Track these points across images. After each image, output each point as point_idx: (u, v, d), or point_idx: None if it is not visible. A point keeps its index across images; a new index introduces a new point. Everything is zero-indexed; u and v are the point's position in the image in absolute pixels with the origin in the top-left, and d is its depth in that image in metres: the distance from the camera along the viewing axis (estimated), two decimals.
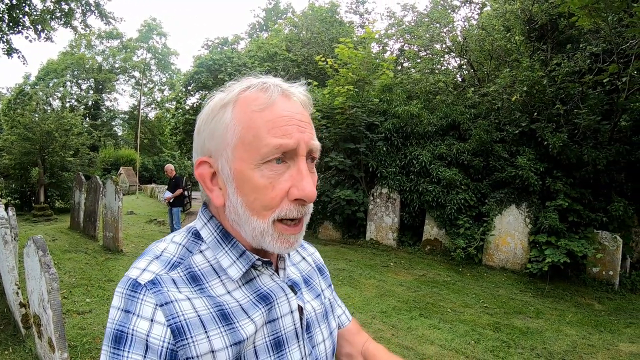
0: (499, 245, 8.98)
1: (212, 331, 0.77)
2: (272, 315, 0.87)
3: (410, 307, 6.58)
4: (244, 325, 0.81)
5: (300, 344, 0.91)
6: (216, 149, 0.82)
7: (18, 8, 9.53)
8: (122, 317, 0.75)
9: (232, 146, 0.80)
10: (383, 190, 10.81)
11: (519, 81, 8.91)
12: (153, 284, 0.76)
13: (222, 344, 0.77)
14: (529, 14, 9.40)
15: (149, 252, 0.84)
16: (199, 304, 0.78)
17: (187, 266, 0.82)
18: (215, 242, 0.86)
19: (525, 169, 8.67)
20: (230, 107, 0.81)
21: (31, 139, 14.57)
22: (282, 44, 16.39)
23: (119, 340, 0.73)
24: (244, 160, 0.78)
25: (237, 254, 0.85)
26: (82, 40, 39.94)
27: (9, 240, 5.35)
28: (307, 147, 0.80)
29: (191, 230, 0.89)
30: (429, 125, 10.65)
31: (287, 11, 28.82)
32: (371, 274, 8.30)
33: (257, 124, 0.78)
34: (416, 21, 13.46)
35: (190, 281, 0.80)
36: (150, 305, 0.74)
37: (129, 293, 0.76)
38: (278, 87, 0.82)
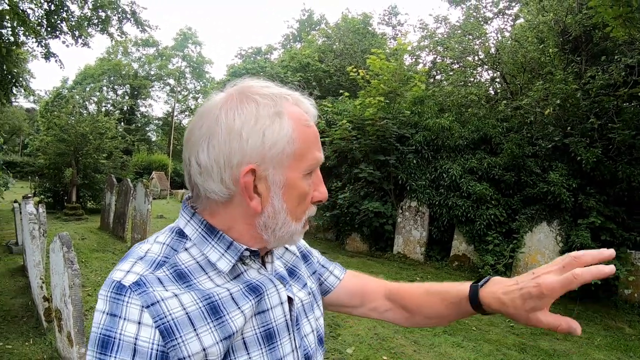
0: (528, 263, 8.72)
1: (200, 328, 0.77)
2: (262, 306, 0.87)
3: None
4: (233, 318, 0.81)
5: (290, 336, 0.92)
6: (271, 158, 0.82)
7: (56, 14, 9.94)
8: (107, 321, 0.73)
9: (290, 157, 0.83)
10: (412, 203, 10.68)
11: (552, 94, 8.68)
12: (137, 285, 0.75)
13: (212, 340, 0.77)
14: (563, 25, 9.17)
15: (132, 253, 0.83)
16: (187, 299, 0.78)
17: (172, 264, 0.82)
18: (200, 238, 0.86)
19: (558, 185, 8.41)
20: (286, 118, 0.83)
21: (66, 140, 15.04)
22: (314, 54, 16.49)
23: (105, 345, 0.72)
24: (296, 170, 0.84)
25: (224, 246, 0.85)
26: (119, 47, 40.93)
27: (37, 236, 5.57)
28: None
29: (174, 230, 0.89)
30: (460, 138, 10.47)
31: (321, 22, 29.11)
32: None
33: (309, 138, 0.86)
34: (449, 33, 13.33)
35: (177, 279, 0.80)
36: (137, 307, 0.73)
37: (114, 296, 0.75)
38: (309, 105, 0.91)
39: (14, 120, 36.68)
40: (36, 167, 16.28)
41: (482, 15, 13.96)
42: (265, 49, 24.87)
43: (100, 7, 10.51)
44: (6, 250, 8.79)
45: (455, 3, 15.16)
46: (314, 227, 13.40)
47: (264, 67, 16.19)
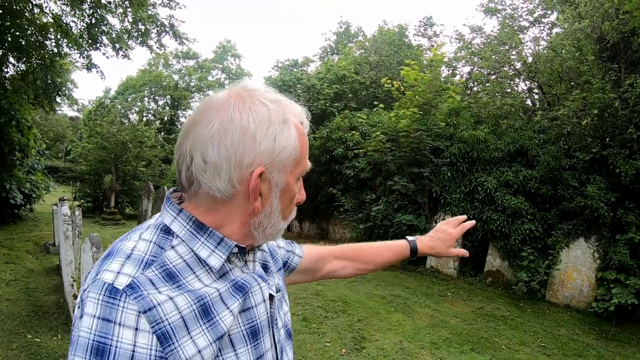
0: (564, 280, 8.34)
1: (194, 330, 0.76)
2: (247, 304, 0.89)
3: (462, 340, 6.28)
4: (223, 318, 0.82)
5: (270, 333, 0.95)
6: (279, 161, 0.86)
7: (97, 27, 10.39)
8: (101, 327, 0.70)
9: (293, 162, 0.88)
10: (446, 217, 10.45)
11: (589, 104, 8.32)
12: (132, 288, 0.73)
13: (206, 342, 0.77)
14: (599, 32, 8.78)
15: (118, 252, 0.81)
16: (181, 301, 0.77)
17: (161, 264, 0.80)
18: (189, 235, 0.85)
19: (595, 199, 8.02)
20: (292, 126, 0.88)
21: (107, 148, 15.68)
22: (350, 66, 16.50)
23: (100, 352, 0.68)
24: (292, 174, 0.90)
25: (215, 242, 0.85)
26: (160, 59, 42.36)
27: (70, 236, 5.85)
28: None
29: (159, 227, 0.87)
30: (496, 150, 10.18)
31: (358, 35, 29.08)
32: (426, 302, 8.03)
33: (305, 147, 0.92)
34: (484, 43, 13.04)
35: (166, 279, 0.78)
36: (133, 312, 0.71)
37: (107, 300, 0.71)
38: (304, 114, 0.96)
39: (57, 127, 38.41)
40: (77, 172, 17.05)
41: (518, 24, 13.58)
42: (302, 61, 25.12)
43: (139, 21, 10.93)
44: (44, 250, 9.23)
45: (491, 13, 14.84)
46: (347, 239, 13.35)
47: (300, 79, 16.34)
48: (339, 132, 13.41)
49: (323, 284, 8.81)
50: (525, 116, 10.72)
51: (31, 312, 5.77)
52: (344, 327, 6.29)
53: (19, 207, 12.02)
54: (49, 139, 31.28)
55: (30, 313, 5.72)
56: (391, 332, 6.28)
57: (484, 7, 14.99)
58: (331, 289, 8.39)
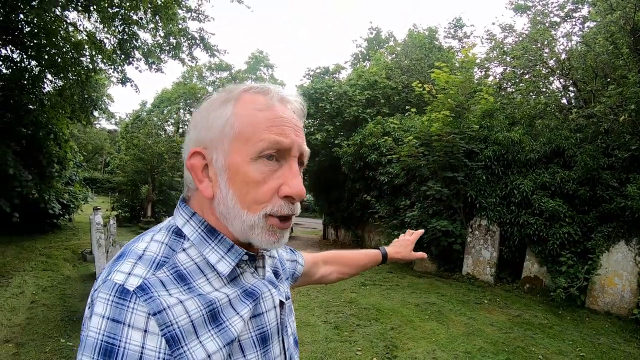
0: (604, 286, 7.95)
1: (203, 335, 0.76)
2: (258, 310, 0.88)
3: (497, 349, 6.09)
4: (233, 323, 0.81)
5: (279, 339, 0.93)
6: (211, 141, 0.85)
7: (129, 42, 10.76)
8: (110, 327, 0.69)
9: (230, 139, 0.83)
10: (482, 222, 10.22)
11: (626, 99, 7.94)
12: (142, 290, 0.73)
13: (215, 346, 0.77)
14: (632, 23, 8.37)
15: (130, 253, 0.81)
16: (191, 305, 0.76)
17: (172, 265, 0.80)
18: (200, 239, 0.85)
19: (636, 199, 7.61)
20: (232, 103, 0.85)
21: (143, 159, 16.12)
22: (382, 72, 16.37)
23: (108, 353, 0.68)
24: (240, 153, 0.82)
25: (225, 248, 0.85)
26: (194, 72, 43.34)
27: (102, 244, 6.10)
28: (299, 150, 0.86)
29: (171, 228, 0.88)
30: (532, 152, 9.84)
31: (389, 40, 28.90)
32: (462, 310, 7.84)
33: (258, 120, 0.83)
34: (516, 42, 12.67)
35: (178, 280, 0.78)
36: (142, 314, 0.70)
37: (117, 300, 0.71)
38: (278, 93, 0.88)
39: (96, 140, 39.68)
40: (115, 183, 17.63)
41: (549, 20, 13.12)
42: (333, 69, 25.10)
43: (170, 35, 11.25)
44: (81, 258, 9.56)
45: (521, 10, 14.41)
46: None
47: (332, 86, 16.33)
48: (372, 138, 13.31)
49: (356, 291, 8.76)
50: (561, 115, 10.33)
51: (65, 317, 5.98)
52: (376, 336, 6.22)
53: (58, 217, 12.52)
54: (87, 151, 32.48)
55: (65, 318, 5.94)
56: (424, 341, 6.17)
57: (514, 5, 14.61)
58: (364, 297, 8.33)
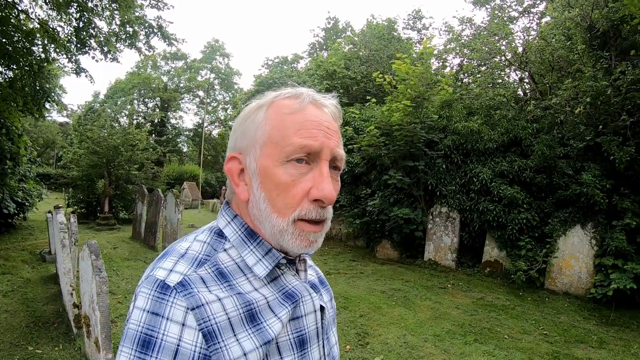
0: (562, 268, 8.43)
1: (240, 333, 0.77)
2: (297, 312, 0.88)
3: (465, 331, 6.32)
4: (271, 324, 0.81)
5: (319, 344, 0.92)
6: (246, 146, 0.87)
7: (84, 30, 10.27)
8: (149, 320, 0.72)
9: (261, 143, 0.84)
10: (442, 209, 10.53)
11: (582, 92, 8.38)
12: (182, 285, 0.75)
13: (252, 345, 0.77)
14: (589, 20, 8.83)
15: (173, 251, 0.83)
16: (229, 304, 0.77)
17: (214, 263, 0.82)
18: (240, 241, 0.87)
19: (591, 186, 8.10)
20: (264, 109, 0.87)
21: (98, 152, 15.58)
22: (340, 62, 16.46)
23: (146, 344, 0.71)
24: (270, 157, 0.83)
25: (262, 252, 0.86)
26: (148, 61, 42.15)
27: (67, 244, 5.78)
28: (331, 153, 0.84)
29: (213, 230, 0.90)
30: (490, 141, 10.23)
31: (346, 30, 29.01)
32: (427, 295, 8.07)
33: (287, 124, 0.83)
34: (474, 35, 13.07)
35: (219, 277, 0.80)
36: (181, 308, 0.73)
37: (158, 295, 0.74)
38: (310, 96, 0.87)
39: (47, 134, 38.24)
40: (69, 178, 16.89)
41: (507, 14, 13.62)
42: (292, 58, 25.05)
43: (127, 23, 10.81)
44: (40, 259, 9.13)
45: (480, 4, 14.88)
46: (344, 235, 13.36)
47: (291, 76, 16.30)
48: None
49: None
50: (517, 106, 10.77)
51: (31, 322, 5.68)
52: (346, 324, 6.30)
53: (13, 217, 11.88)
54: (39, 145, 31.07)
55: (30, 324, 5.63)
56: (394, 327, 6.30)
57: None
58: (331, 285, 8.40)
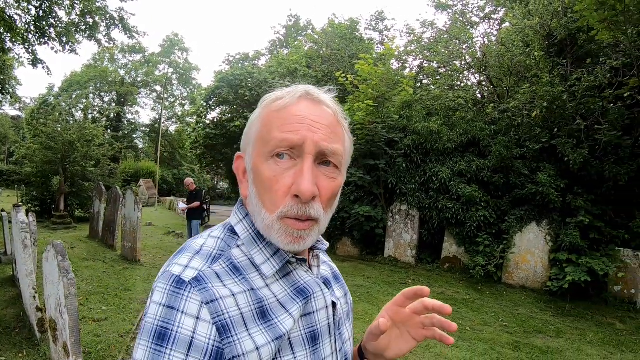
0: (519, 263, 8.83)
1: (253, 328, 0.78)
2: (308, 308, 0.89)
3: None
4: (282, 320, 0.82)
5: (331, 339, 0.93)
6: (245, 145, 0.89)
7: (44, 20, 9.83)
8: (165, 313, 0.74)
9: (253, 141, 0.86)
10: (402, 207, 10.76)
11: (539, 97, 8.82)
12: (197, 281, 0.76)
13: (264, 340, 0.78)
14: (548, 29, 9.32)
15: (188, 248, 0.85)
16: (242, 300, 0.79)
17: (227, 258, 0.83)
18: (250, 239, 0.87)
19: (546, 186, 8.54)
20: (260, 108, 0.88)
21: (53, 148, 14.89)
22: (302, 60, 16.49)
23: (162, 337, 0.72)
24: (259, 155, 0.83)
25: (271, 252, 0.86)
26: (106, 54, 40.83)
27: (29, 245, 5.47)
28: (317, 147, 0.81)
29: (227, 226, 0.91)
30: (449, 141, 10.57)
31: (307, 28, 29.11)
32: (389, 290, 8.23)
33: (272, 120, 0.83)
34: (435, 38, 13.45)
35: (233, 271, 0.81)
36: (196, 302, 0.74)
37: (173, 289, 0.75)
38: (302, 91, 0.86)
39: None
40: (23, 175, 16.04)
41: (469, 19, 14.11)
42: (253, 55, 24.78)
43: (88, 14, 10.42)
44: None
45: (442, 8, 15.34)
46: None
47: (252, 73, 16.10)
48: None
49: None
50: (476, 108, 11.18)
51: None
52: None
53: None
54: None
55: None
56: (359, 322, 6.36)
57: (435, 3, 15.51)
58: None
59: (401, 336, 0.95)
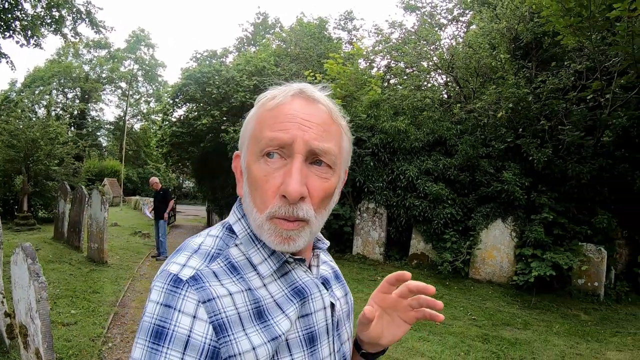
0: (485, 258, 9.08)
1: (249, 329, 0.77)
2: (306, 309, 0.88)
3: None
4: (278, 322, 0.81)
5: (329, 340, 0.92)
6: (241, 145, 0.89)
7: (9, 12, 9.43)
8: (162, 312, 0.74)
9: (247, 141, 0.85)
10: (370, 205, 10.86)
11: (504, 98, 9.10)
12: (195, 279, 0.76)
13: (260, 340, 0.77)
14: (515, 32, 9.65)
15: (186, 247, 0.84)
16: (239, 299, 0.78)
17: (225, 257, 0.83)
18: (248, 238, 0.86)
19: (511, 184, 8.82)
20: (255, 108, 0.87)
21: (15, 146, 14.31)
22: (270, 58, 16.42)
23: (159, 335, 0.72)
24: (251, 154, 0.82)
25: (268, 252, 0.85)
26: (70, 49, 39.44)
27: None
28: (307, 146, 0.79)
29: (225, 225, 0.90)
30: (416, 141, 10.74)
31: (276, 26, 29.10)
32: (359, 287, 8.30)
33: (264, 119, 0.82)
34: (403, 38, 13.67)
35: (231, 270, 0.81)
36: (193, 301, 0.74)
37: (170, 288, 0.75)
38: (292, 91, 0.84)
39: None
40: None
41: (437, 21, 14.41)
42: (221, 53, 24.47)
43: (54, 6, 10.03)
44: None
45: (411, 9, 15.59)
46: None
47: (220, 70, 15.91)
48: None
49: None
50: (443, 108, 11.42)
51: None
52: None
53: None
54: None
55: None
56: None
57: (404, 4, 15.75)
58: None
59: (392, 322, 0.95)
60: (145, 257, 10.41)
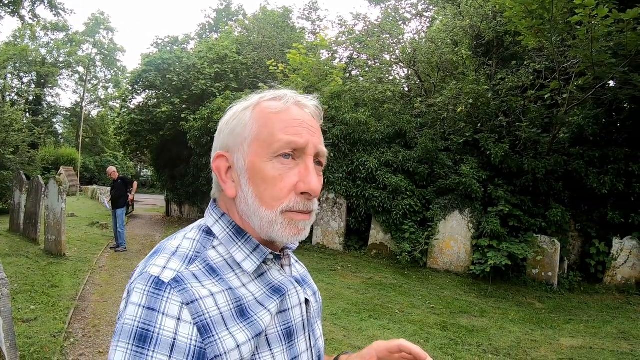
0: (443, 249, 9.32)
1: (233, 327, 0.78)
2: (284, 305, 0.90)
3: (359, 309, 6.67)
4: (261, 317, 0.83)
5: (306, 336, 0.95)
6: (234, 144, 0.89)
7: None
8: (145, 315, 0.73)
9: (249, 141, 0.87)
10: (330, 195, 10.91)
11: (464, 93, 9.33)
12: (177, 281, 0.76)
13: (245, 337, 0.79)
14: (477, 30, 9.89)
15: (164, 249, 0.84)
16: (221, 299, 0.79)
17: (203, 259, 0.83)
18: (228, 238, 0.88)
19: (469, 177, 9.07)
20: (250, 109, 0.89)
21: None
22: (232, 46, 16.13)
23: (143, 339, 0.72)
24: (258, 154, 0.85)
25: (250, 248, 0.88)
26: (27, 31, 37.57)
27: None
28: (315, 149, 0.87)
29: (202, 228, 0.91)
30: (376, 132, 10.86)
31: (239, 13, 28.63)
32: (319, 277, 8.34)
33: (273, 123, 0.86)
34: (367, 31, 13.74)
35: (210, 272, 0.82)
36: (177, 303, 0.74)
37: (153, 291, 0.75)
38: (293, 97, 0.90)
39: None
40: None
41: (401, 15, 14.56)
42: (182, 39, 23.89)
43: None
44: None
45: (376, 2, 15.68)
46: None
47: (181, 57, 15.48)
48: (221, 113, 13.11)
49: None
50: (404, 101, 11.57)
51: None
52: None
53: None
54: None
55: None
56: None
57: None
58: None
59: None
60: (104, 248, 10.07)
